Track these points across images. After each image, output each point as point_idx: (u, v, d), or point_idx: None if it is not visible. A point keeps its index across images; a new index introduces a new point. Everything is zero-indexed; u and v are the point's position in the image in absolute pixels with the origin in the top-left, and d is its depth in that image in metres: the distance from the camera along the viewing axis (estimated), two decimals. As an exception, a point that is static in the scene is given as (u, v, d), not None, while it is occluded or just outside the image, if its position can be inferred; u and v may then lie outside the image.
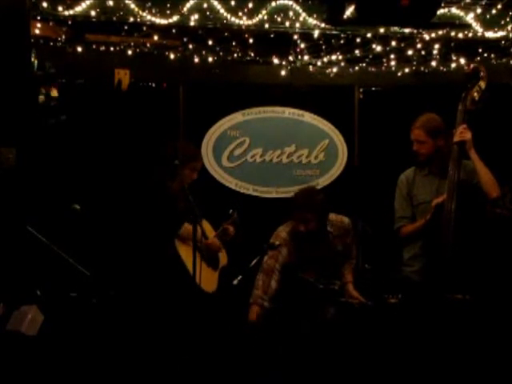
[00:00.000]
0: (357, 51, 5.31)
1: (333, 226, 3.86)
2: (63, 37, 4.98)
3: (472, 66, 3.78)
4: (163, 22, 4.75)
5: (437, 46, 5.25)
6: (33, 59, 4.47)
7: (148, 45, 5.15)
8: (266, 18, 4.84)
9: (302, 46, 5.25)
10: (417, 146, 3.70)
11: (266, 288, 3.66)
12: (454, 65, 5.52)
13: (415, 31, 5.04)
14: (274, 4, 4.83)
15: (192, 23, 4.79)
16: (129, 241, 3.98)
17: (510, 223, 4.49)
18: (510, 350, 3.78)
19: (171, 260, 3.77)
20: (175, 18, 4.74)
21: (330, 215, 3.86)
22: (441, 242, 3.43)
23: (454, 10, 4.92)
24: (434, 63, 5.54)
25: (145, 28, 4.89)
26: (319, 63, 5.52)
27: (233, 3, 4.76)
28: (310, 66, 5.57)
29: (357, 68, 5.61)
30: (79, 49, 5.10)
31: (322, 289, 3.60)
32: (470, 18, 4.93)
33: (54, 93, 5.05)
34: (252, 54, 5.37)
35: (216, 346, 3.93)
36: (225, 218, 4.17)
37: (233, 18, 4.79)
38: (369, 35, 5.07)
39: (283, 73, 5.55)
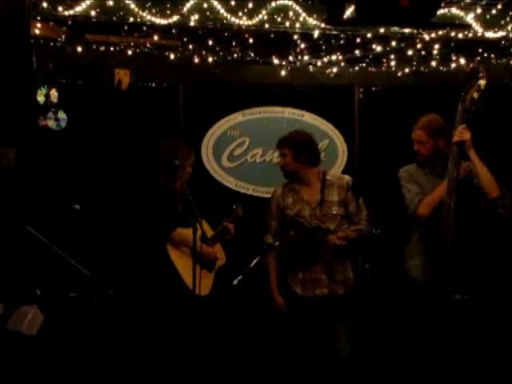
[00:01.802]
0: (357, 51, 5.30)
1: (331, 176, 3.87)
2: (63, 37, 4.98)
3: (472, 65, 3.78)
4: (163, 22, 4.75)
5: (437, 46, 5.25)
6: (33, 59, 4.48)
7: (148, 45, 5.14)
8: (266, 18, 4.85)
9: (302, 46, 5.24)
10: (417, 146, 3.71)
11: (269, 227, 3.92)
12: (453, 65, 5.52)
13: (415, 31, 5.04)
14: (273, 4, 4.84)
15: (192, 23, 4.79)
16: (125, 241, 3.98)
17: (510, 223, 4.49)
18: (509, 349, 3.79)
19: (161, 263, 3.76)
20: (175, 18, 4.75)
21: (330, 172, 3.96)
22: (440, 240, 3.43)
23: (454, 10, 4.92)
24: (433, 63, 5.53)
25: (145, 28, 4.89)
26: (319, 63, 5.51)
27: (233, 3, 4.76)
28: (310, 66, 5.56)
29: (357, 68, 5.61)
30: (79, 49, 5.10)
31: (309, 228, 3.65)
32: (470, 18, 4.93)
33: (54, 94, 5.06)
34: (252, 54, 5.36)
35: (209, 349, 3.94)
36: (226, 214, 4.17)
37: (233, 18, 4.79)
38: (369, 35, 5.07)
39: (283, 73, 5.55)
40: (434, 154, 3.65)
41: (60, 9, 4.61)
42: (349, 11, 4.31)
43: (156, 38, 5.01)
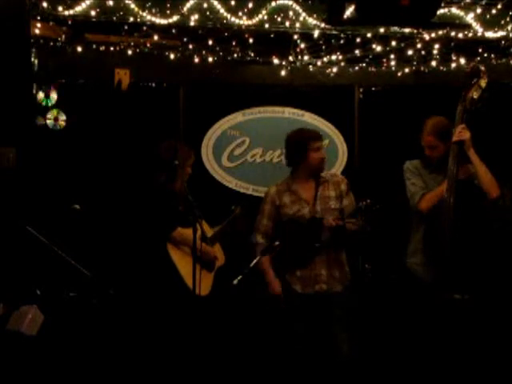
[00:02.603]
0: (357, 51, 5.30)
1: (324, 174, 3.92)
2: (63, 37, 4.98)
3: (472, 65, 3.78)
4: (163, 22, 4.75)
5: (437, 46, 5.24)
6: (33, 59, 4.49)
7: (148, 45, 5.14)
8: (265, 18, 4.85)
9: (302, 46, 5.24)
10: (429, 152, 3.69)
11: (258, 226, 3.91)
12: (454, 65, 5.51)
13: (415, 31, 5.04)
14: (273, 4, 4.84)
15: (192, 23, 4.79)
16: (125, 241, 3.98)
17: (510, 224, 4.49)
18: (507, 349, 3.79)
19: (162, 263, 3.75)
20: (175, 18, 4.75)
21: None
22: (440, 238, 3.43)
23: (454, 10, 4.91)
24: (434, 63, 5.53)
25: (145, 28, 4.89)
26: (319, 63, 5.51)
27: (233, 3, 4.76)
28: (310, 66, 5.56)
29: (357, 68, 5.61)
30: (79, 49, 5.10)
31: (305, 223, 3.70)
32: (470, 18, 4.93)
33: (54, 95, 5.06)
34: (252, 54, 5.36)
35: (209, 349, 3.95)
36: (227, 214, 4.17)
37: (233, 18, 4.79)
38: (369, 35, 5.07)
39: (283, 73, 5.55)
40: (446, 156, 3.62)
41: (60, 9, 4.61)
42: (349, 11, 4.31)
43: (156, 38, 5.01)
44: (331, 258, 3.74)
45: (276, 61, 5.47)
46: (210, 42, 5.12)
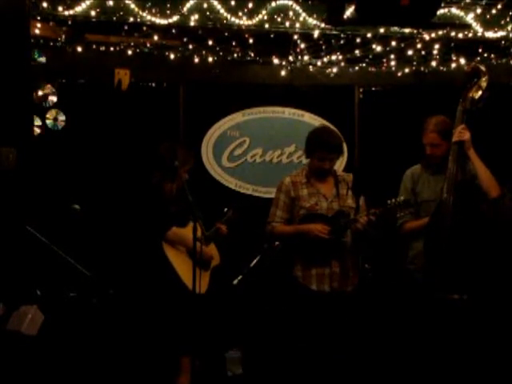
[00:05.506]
0: (357, 51, 5.30)
1: (339, 172, 3.94)
2: (63, 37, 4.99)
3: (472, 64, 3.78)
4: (163, 22, 4.76)
5: (437, 46, 5.25)
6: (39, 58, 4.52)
7: (148, 45, 5.15)
8: (266, 18, 4.85)
9: (302, 46, 5.25)
10: (431, 150, 3.68)
11: (272, 216, 3.82)
12: (454, 65, 5.52)
13: (415, 31, 5.04)
14: (273, 4, 4.84)
15: (192, 23, 4.80)
16: (121, 241, 3.98)
17: (510, 224, 4.49)
18: (507, 349, 3.79)
19: (159, 262, 3.76)
20: (175, 18, 4.75)
21: None
22: (440, 238, 3.44)
23: (454, 10, 4.92)
24: (433, 63, 5.54)
25: (145, 28, 4.89)
26: (319, 63, 5.52)
27: (233, 3, 4.77)
28: (310, 66, 5.57)
29: (357, 68, 5.61)
30: (79, 49, 5.11)
31: (330, 216, 3.67)
32: (470, 18, 4.94)
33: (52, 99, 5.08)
34: (252, 54, 5.37)
35: (209, 346, 3.95)
36: (219, 216, 4.17)
37: (233, 18, 4.80)
38: (369, 35, 5.08)
39: (283, 73, 5.55)
40: (447, 157, 3.61)
41: (60, 9, 4.62)
42: (349, 11, 4.32)
43: (156, 37, 5.02)
44: (347, 258, 3.71)
45: (276, 61, 5.48)
46: (210, 42, 5.13)
